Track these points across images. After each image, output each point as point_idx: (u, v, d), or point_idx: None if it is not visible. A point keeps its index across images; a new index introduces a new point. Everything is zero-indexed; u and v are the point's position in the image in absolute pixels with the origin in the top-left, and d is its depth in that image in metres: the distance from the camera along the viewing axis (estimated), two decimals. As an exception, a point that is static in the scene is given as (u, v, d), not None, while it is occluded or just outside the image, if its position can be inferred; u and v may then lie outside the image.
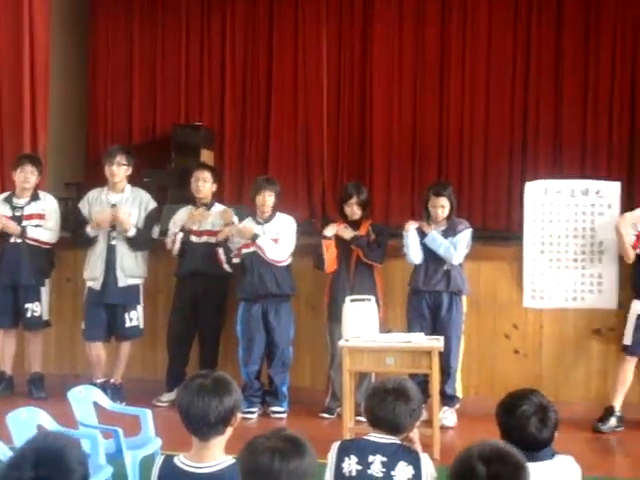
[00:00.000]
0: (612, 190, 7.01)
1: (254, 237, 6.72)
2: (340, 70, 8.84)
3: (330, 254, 6.75)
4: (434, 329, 6.54)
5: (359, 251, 6.72)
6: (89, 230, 6.92)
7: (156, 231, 7.09)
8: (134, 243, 6.93)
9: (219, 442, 3.01)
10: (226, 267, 6.92)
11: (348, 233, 6.77)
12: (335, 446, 3.42)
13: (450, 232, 6.66)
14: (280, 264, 6.82)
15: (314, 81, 8.86)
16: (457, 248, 6.58)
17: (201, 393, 2.96)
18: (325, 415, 6.81)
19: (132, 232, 6.88)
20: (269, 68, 8.99)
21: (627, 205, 7.19)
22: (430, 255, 6.61)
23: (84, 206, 7.06)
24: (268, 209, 6.89)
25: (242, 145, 9.07)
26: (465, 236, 6.65)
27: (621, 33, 8.23)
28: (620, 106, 8.30)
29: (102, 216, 6.86)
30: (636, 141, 8.28)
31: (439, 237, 6.59)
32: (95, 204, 7.00)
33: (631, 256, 6.57)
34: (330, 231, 6.80)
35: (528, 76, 8.45)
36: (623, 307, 6.78)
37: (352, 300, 6.33)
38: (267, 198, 6.86)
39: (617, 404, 6.56)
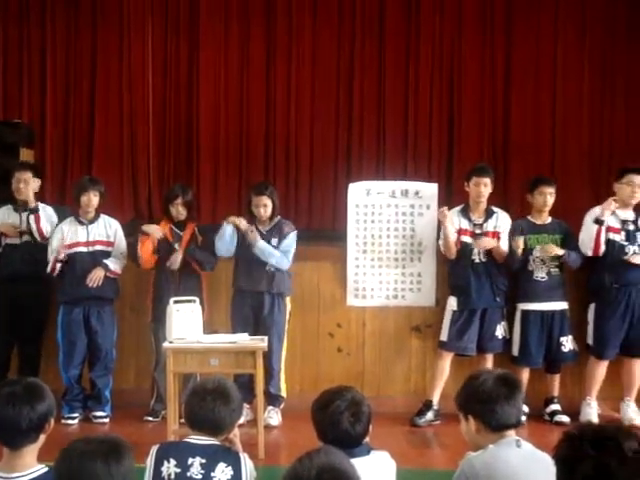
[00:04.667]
0: (430, 191, 7.29)
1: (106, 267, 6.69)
2: (166, 71, 8.69)
3: (145, 249, 6.72)
4: (257, 330, 6.60)
5: (194, 263, 6.74)
6: None
7: None
8: None
9: (31, 450, 2.92)
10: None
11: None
12: (153, 450, 3.38)
13: (275, 232, 6.76)
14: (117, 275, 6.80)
15: (139, 80, 8.68)
16: (288, 256, 6.73)
17: (11, 400, 2.86)
18: (150, 418, 6.74)
19: None
20: (92, 64, 8.72)
21: (446, 206, 7.48)
22: (253, 256, 6.67)
23: None
24: (92, 209, 6.82)
25: (65, 144, 8.77)
26: (293, 240, 6.78)
27: (439, 41, 8.51)
28: (439, 112, 8.58)
29: None
30: (454, 146, 8.59)
31: (267, 247, 6.66)
32: None
33: (454, 252, 6.79)
34: (149, 228, 6.78)
35: (352, 82, 8.58)
36: (440, 304, 7.07)
37: (176, 301, 6.29)
38: (92, 198, 6.79)
39: (434, 398, 6.82)
